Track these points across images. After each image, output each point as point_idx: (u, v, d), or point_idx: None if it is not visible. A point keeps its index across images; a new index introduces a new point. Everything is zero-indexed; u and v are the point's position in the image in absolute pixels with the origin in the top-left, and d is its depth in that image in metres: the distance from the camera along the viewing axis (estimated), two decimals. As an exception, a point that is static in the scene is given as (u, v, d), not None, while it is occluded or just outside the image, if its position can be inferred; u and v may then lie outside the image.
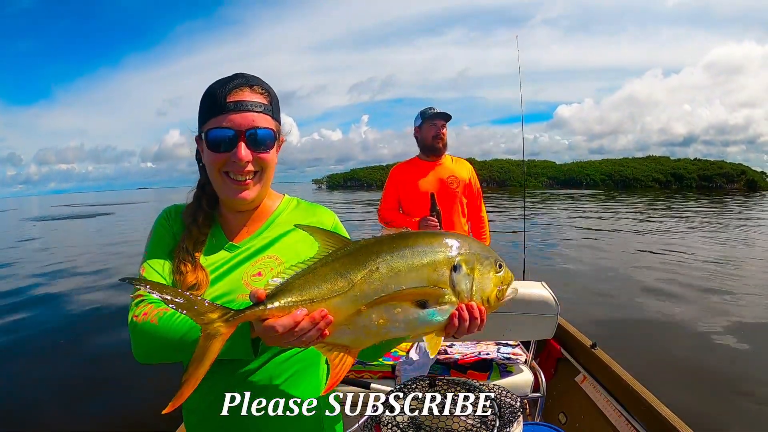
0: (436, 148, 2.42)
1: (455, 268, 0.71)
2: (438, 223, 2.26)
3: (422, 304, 0.70)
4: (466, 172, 2.49)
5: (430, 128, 2.40)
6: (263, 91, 0.82)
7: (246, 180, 0.82)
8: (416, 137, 2.49)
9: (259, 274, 0.83)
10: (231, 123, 0.77)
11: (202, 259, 0.85)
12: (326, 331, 0.66)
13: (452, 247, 0.73)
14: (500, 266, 0.76)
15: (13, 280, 7.79)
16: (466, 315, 0.72)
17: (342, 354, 0.69)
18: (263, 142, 0.80)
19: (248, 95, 0.79)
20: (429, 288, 0.70)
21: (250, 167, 0.81)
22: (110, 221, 23.57)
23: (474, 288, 0.73)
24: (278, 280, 0.68)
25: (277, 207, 0.92)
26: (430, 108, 2.43)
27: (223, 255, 0.86)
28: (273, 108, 0.83)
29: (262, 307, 0.65)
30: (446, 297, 0.71)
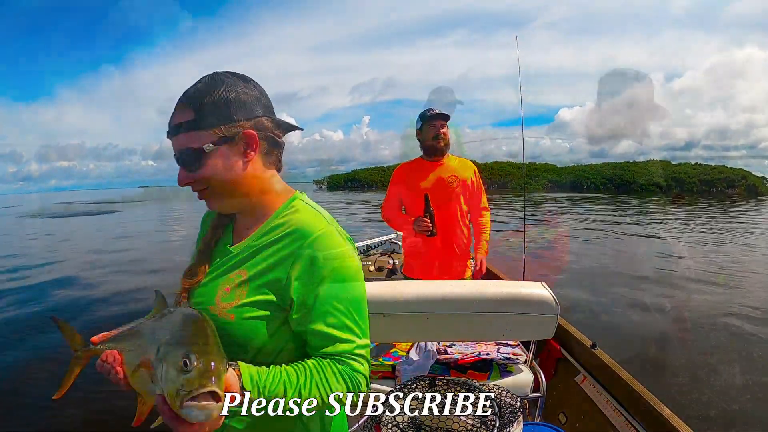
0: (437, 149, 2.42)
1: (157, 350, 0.66)
2: (431, 224, 2.27)
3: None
4: (468, 172, 2.48)
5: (430, 129, 2.40)
6: (187, 103, 0.78)
7: (200, 195, 0.84)
8: (419, 140, 2.50)
9: (228, 290, 0.81)
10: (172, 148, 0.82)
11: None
12: (121, 372, 0.74)
13: (167, 328, 0.70)
14: (186, 364, 0.60)
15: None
16: (159, 405, 0.63)
17: (141, 399, 0.72)
18: (188, 162, 0.79)
19: (175, 117, 0.79)
20: (143, 360, 0.68)
21: (196, 186, 0.82)
22: (120, 218, 23.60)
23: (163, 378, 0.62)
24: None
25: (278, 208, 0.87)
26: (429, 109, 2.43)
27: (219, 258, 0.87)
28: (199, 118, 0.77)
29: (93, 347, 0.80)
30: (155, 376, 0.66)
